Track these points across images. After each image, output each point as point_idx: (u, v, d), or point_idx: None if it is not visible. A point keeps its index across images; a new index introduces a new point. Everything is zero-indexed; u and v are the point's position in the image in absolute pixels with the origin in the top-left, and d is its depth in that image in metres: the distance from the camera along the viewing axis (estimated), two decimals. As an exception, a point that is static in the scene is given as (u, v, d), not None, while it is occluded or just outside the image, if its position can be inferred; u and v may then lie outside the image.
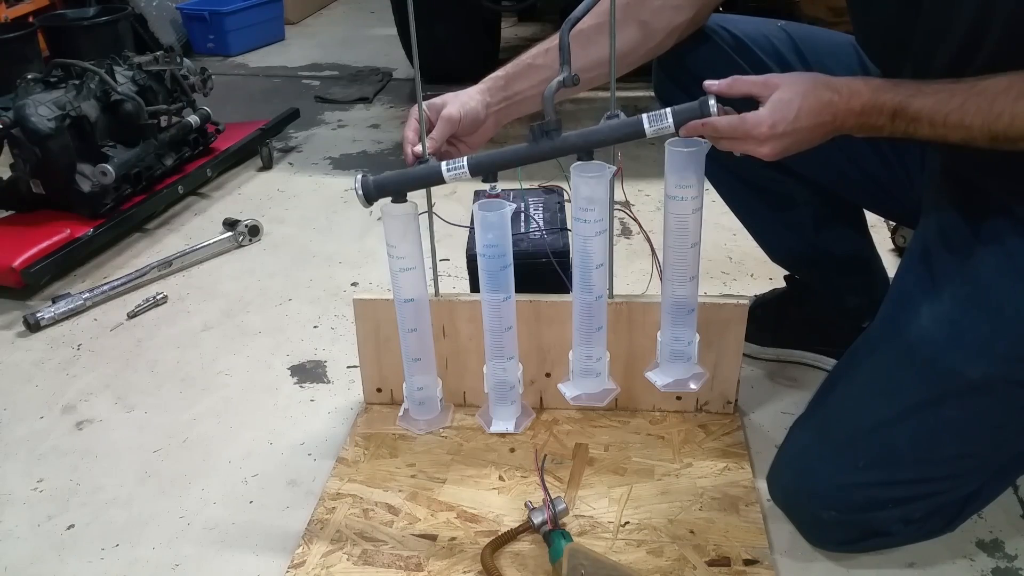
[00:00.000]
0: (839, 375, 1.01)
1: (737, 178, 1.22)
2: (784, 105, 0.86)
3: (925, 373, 0.90)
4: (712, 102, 0.90)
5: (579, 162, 0.98)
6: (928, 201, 1.01)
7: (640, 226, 1.31)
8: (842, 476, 0.92)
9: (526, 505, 1.02)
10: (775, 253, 1.32)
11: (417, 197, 1.03)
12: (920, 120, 0.83)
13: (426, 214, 1.13)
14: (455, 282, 1.57)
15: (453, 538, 1.03)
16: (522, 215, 1.34)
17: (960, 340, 0.88)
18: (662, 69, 1.16)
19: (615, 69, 1.02)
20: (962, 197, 0.94)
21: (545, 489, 1.03)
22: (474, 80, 1.10)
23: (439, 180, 0.98)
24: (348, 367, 1.40)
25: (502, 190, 1.17)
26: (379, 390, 1.27)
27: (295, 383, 1.38)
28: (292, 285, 1.69)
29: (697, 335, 1.07)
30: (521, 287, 1.06)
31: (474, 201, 1.27)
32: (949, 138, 0.83)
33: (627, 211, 1.58)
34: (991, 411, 0.88)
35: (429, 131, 1.03)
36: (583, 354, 1.08)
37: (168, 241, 1.90)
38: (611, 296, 1.14)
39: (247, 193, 2.14)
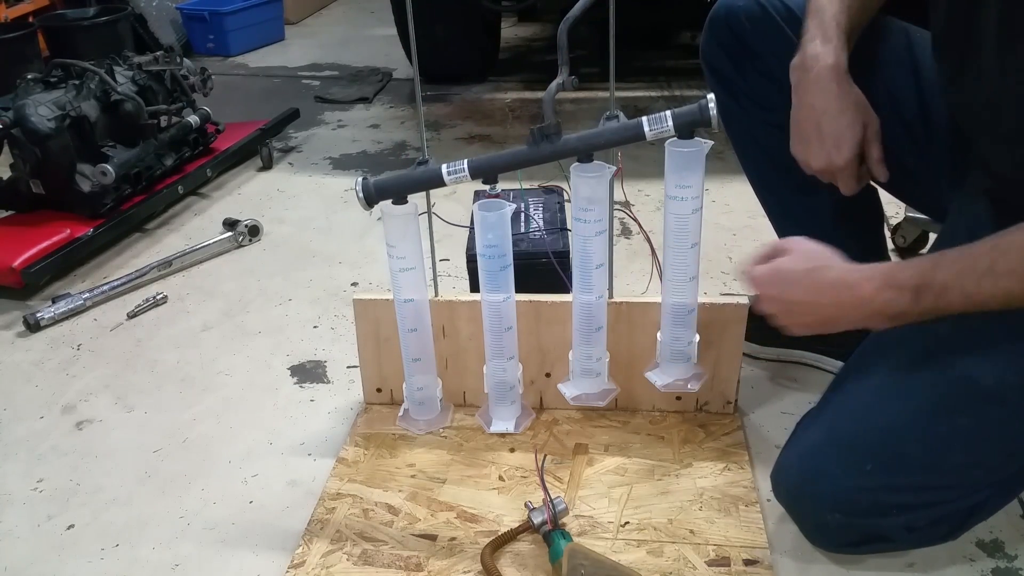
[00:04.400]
0: (850, 377, 1.00)
1: (766, 155, 1.22)
2: (779, 272, 0.92)
3: (939, 379, 0.89)
4: (712, 105, 0.90)
5: (579, 163, 0.98)
6: (957, 208, 1.01)
7: (640, 226, 1.32)
8: (849, 479, 0.92)
9: (526, 505, 1.02)
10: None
11: (417, 197, 1.03)
12: (951, 290, 0.81)
13: (426, 214, 1.13)
14: (455, 282, 1.57)
15: (453, 538, 1.03)
16: (522, 215, 1.34)
17: (976, 347, 0.87)
18: (712, 36, 1.16)
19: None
20: (992, 210, 0.93)
21: (545, 489, 1.03)
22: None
23: (440, 183, 0.98)
24: (348, 367, 1.40)
25: (502, 190, 1.17)
26: (379, 390, 1.27)
27: (295, 383, 1.38)
28: (292, 285, 1.69)
29: (697, 335, 1.07)
30: (521, 287, 1.06)
31: (474, 201, 1.27)
32: (989, 305, 0.80)
33: (627, 211, 1.59)
34: (1003, 422, 0.88)
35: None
36: (583, 354, 1.08)
37: (168, 241, 1.90)
38: (611, 296, 1.14)
39: (247, 193, 2.14)
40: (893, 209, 1.65)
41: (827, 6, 1.00)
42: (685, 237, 1.00)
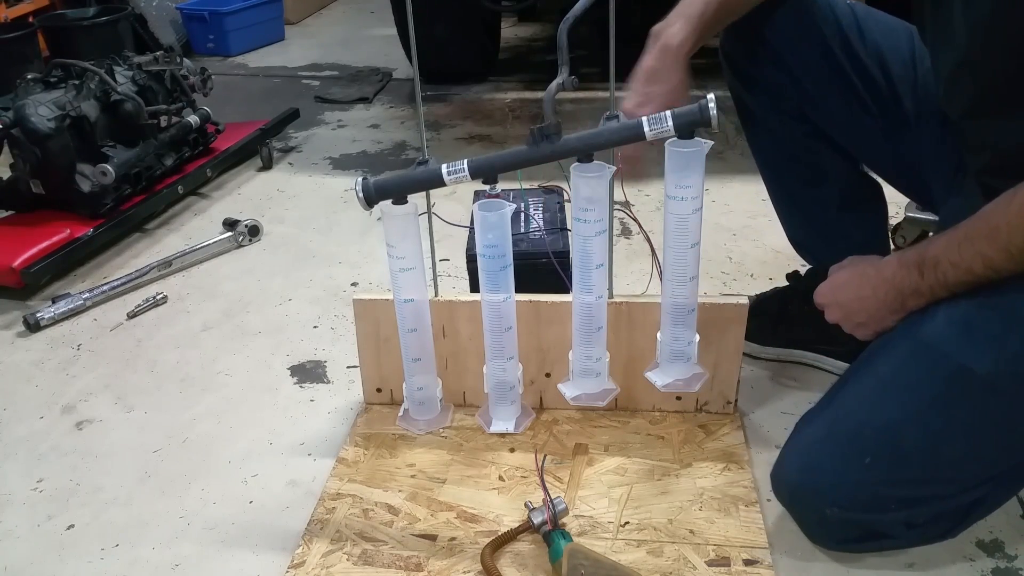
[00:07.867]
0: (850, 375, 1.01)
1: (777, 144, 1.24)
2: (829, 281, 1.05)
3: (935, 370, 0.90)
4: (712, 104, 0.90)
5: (579, 163, 0.98)
6: (953, 207, 1.02)
7: (640, 226, 1.32)
8: (848, 472, 0.92)
9: (526, 505, 1.02)
10: (793, 229, 1.33)
11: (417, 197, 1.03)
12: (940, 262, 0.89)
13: (426, 214, 1.13)
14: (455, 282, 1.58)
15: (453, 538, 1.03)
16: (522, 215, 1.34)
17: (972, 337, 0.88)
18: (732, 29, 1.17)
19: None
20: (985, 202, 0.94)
21: (545, 489, 1.03)
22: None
23: (439, 183, 0.98)
24: (348, 367, 1.40)
25: (502, 190, 1.17)
26: (379, 390, 1.27)
27: (295, 383, 1.38)
28: (292, 285, 1.69)
29: (697, 335, 1.07)
30: (521, 287, 1.06)
31: (474, 201, 1.27)
32: (974, 270, 0.86)
33: (627, 211, 1.59)
34: (999, 412, 0.88)
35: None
36: (583, 354, 1.08)
37: (168, 241, 1.90)
38: (611, 296, 1.14)
39: (247, 193, 2.14)
40: (893, 209, 1.65)
41: None
42: (685, 237, 1.00)
